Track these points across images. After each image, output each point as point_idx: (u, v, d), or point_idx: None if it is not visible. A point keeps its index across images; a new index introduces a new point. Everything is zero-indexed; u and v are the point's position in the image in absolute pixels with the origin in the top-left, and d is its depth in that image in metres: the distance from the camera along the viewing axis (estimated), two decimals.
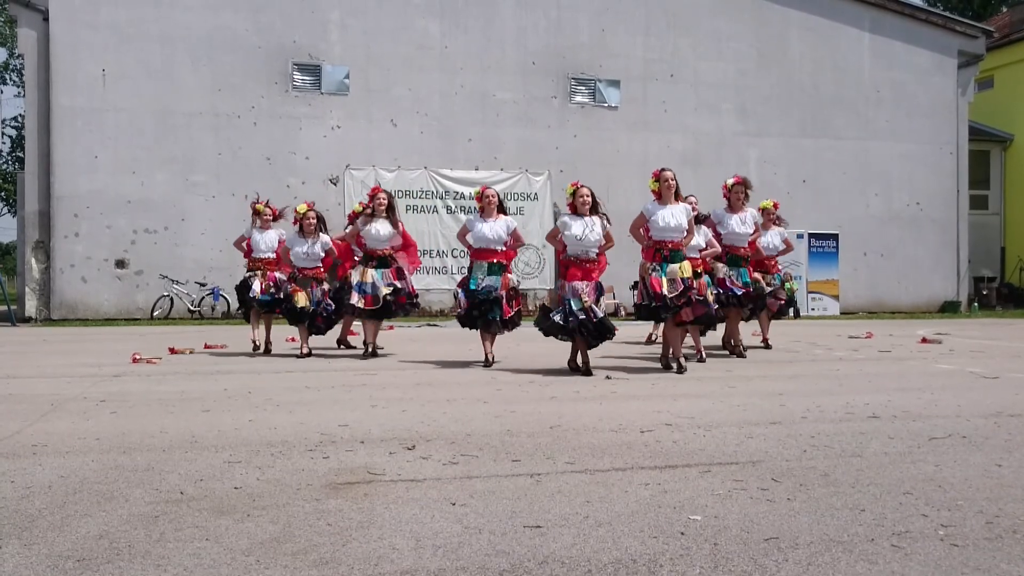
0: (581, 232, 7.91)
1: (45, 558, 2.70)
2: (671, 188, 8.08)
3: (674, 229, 7.97)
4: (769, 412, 5.56)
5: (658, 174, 8.17)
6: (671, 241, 7.98)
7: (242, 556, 2.73)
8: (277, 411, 5.64)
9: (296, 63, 18.54)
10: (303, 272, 9.72)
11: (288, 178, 18.26)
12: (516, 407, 5.79)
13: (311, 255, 9.68)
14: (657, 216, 7.99)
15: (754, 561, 2.68)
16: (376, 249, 9.33)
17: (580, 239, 7.91)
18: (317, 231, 9.79)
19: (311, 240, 9.70)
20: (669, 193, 8.07)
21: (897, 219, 21.74)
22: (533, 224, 19.47)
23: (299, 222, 9.83)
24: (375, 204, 9.42)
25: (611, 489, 3.55)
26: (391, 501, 3.37)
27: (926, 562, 2.68)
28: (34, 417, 5.39)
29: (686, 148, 20.04)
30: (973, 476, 3.78)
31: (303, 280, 9.67)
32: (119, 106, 17.76)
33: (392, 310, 9.33)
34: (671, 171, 8.21)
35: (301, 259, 9.70)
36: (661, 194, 8.09)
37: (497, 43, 19.53)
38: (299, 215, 9.87)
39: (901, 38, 21.70)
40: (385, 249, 9.38)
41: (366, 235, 9.32)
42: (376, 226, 9.31)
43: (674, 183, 8.12)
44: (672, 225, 7.96)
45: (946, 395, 6.38)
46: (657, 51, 20.35)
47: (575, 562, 2.67)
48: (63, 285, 17.60)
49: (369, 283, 9.18)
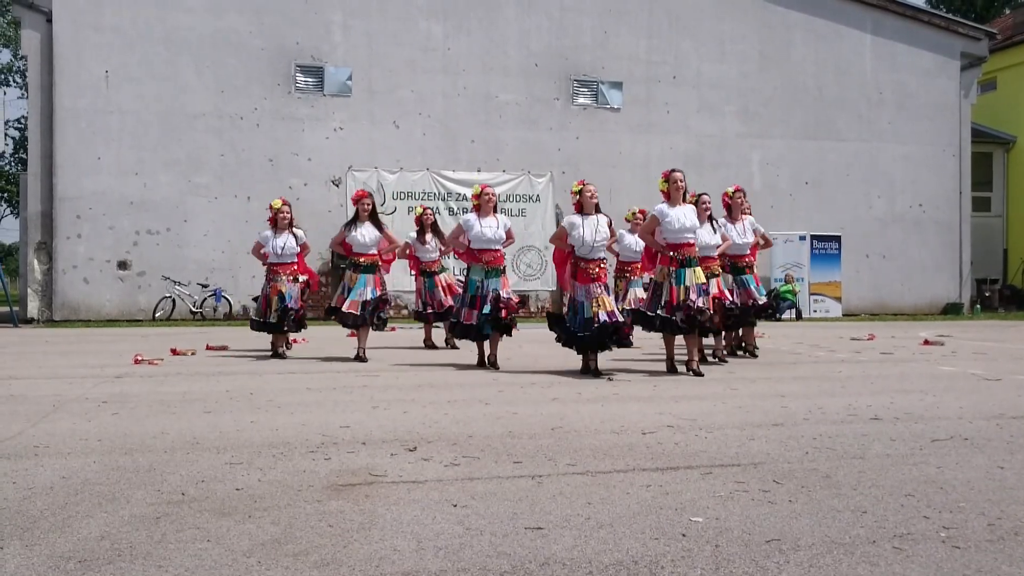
0: (592, 233, 7.84)
1: (47, 559, 2.71)
2: (680, 189, 7.99)
3: (688, 230, 7.91)
4: (771, 414, 5.56)
5: (668, 175, 8.06)
6: (686, 243, 7.92)
7: (243, 557, 2.73)
8: (279, 412, 5.64)
9: (299, 65, 18.56)
10: (278, 269, 9.71)
11: (291, 179, 18.27)
12: (517, 409, 5.79)
13: (287, 249, 9.71)
14: (671, 217, 7.87)
15: (755, 563, 2.68)
16: (362, 254, 9.25)
17: (589, 240, 7.83)
18: (291, 226, 9.82)
19: (286, 234, 9.73)
20: (678, 194, 7.98)
21: (899, 221, 21.72)
22: (535, 226, 19.48)
23: (274, 217, 9.83)
24: (360, 208, 9.31)
25: (612, 491, 3.55)
26: (392, 502, 3.37)
27: (928, 564, 2.67)
28: (36, 418, 5.40)
29: (689, 150, 20.03)
30: (975, 478, 3.78)
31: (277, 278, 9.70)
32: (122, 108, 17.79)
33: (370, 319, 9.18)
34: (681, 172, 8.11)
35: (277, 255, 9.70)
36: (670, 195, 7.98)
37: (500, 45, 19.54)
38: (274, 210, 9.87)
39: (904, 40, 21.69)
40: (371, 254, 9.29)
41: (352, 241, 9.22)
42: (362, 231, 9.23)
43: (683, 184, 8.04)
44: (687, 226, 7.90)
45: (948, 397, 6.37)
46: (660, 53, 20.35)
47: (576, 563, 2.67)
48: (65, 286, 17.62)
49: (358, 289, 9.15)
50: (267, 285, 9.85)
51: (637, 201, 17.85)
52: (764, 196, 19.60)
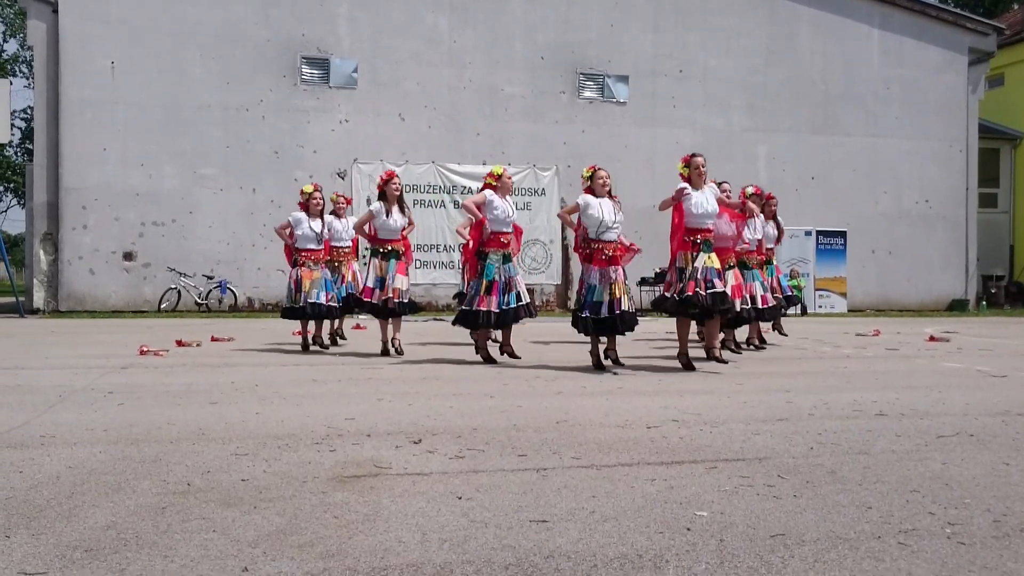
0: (610, 213, 7.74)
1: (53, 548, 2.71)
2: (702, 175, 7.85)
3: (709, 215, 7.82)
4: (776, 409, 5.55)
5: (688, 159, 7.91)
6: (705, 229, 7.82)
7: (248, 548, 2.73)
8: (284, 404, 5.65)
9: (304, 57, 18.55)
10: (310, 255, 9.55)
11: (296, 172, 18.28)
12: (522, 402, 5.79)
13: (321, 236, 9.61)
14: (695, 200, 7.75)
15: (760, 558, 2.68)
16: (391, 240, 8.86)
17: (607, 220, 7.73)
18: (322, 213, 9.71)
19: (320, 221, 9.64)
20: (699, 180, 7.84)
21: (906, 217, 21.67)
22: (540, 219, 19.47)
23: (306, 203, 9.63)
24: (388, 190, 8.87)
25: (617, 484, 3.55)
26: (397, 494, 3.38)
27: (933, 560, 2.67)
28: (42, 408, 5.41)
29: (695, 144, 19.90)
30: (980, 474, 3.77)
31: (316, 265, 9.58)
32: (128, 99, 17.80)
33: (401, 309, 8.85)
34: (702, 156, 7.97)
35: (311, 240, 9.54)
36: (691, 180, 7.84)
37: (506, 38, 19.51)
38: (305, 195, 9.67)
39: (911, 35, 21.61)
40: (396, 241, 8.91)
41: (383, 227, 8.80)
42: (395, 216, 8.83)
43: (705, 170, 7.91)
44: (708, 211, 7.81)
45: (954, 393, 6.36)
46: (666, 47, 20.30)
47: (581, 557, 2.67)
48: (71, 277, 17.66)
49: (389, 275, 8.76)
50: (298, 271, 9.54)
51: (642, 196, 17.89)
52: (770, 191, 19.53)
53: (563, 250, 19.59)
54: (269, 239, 18.20)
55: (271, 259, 18.06)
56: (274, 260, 18.00)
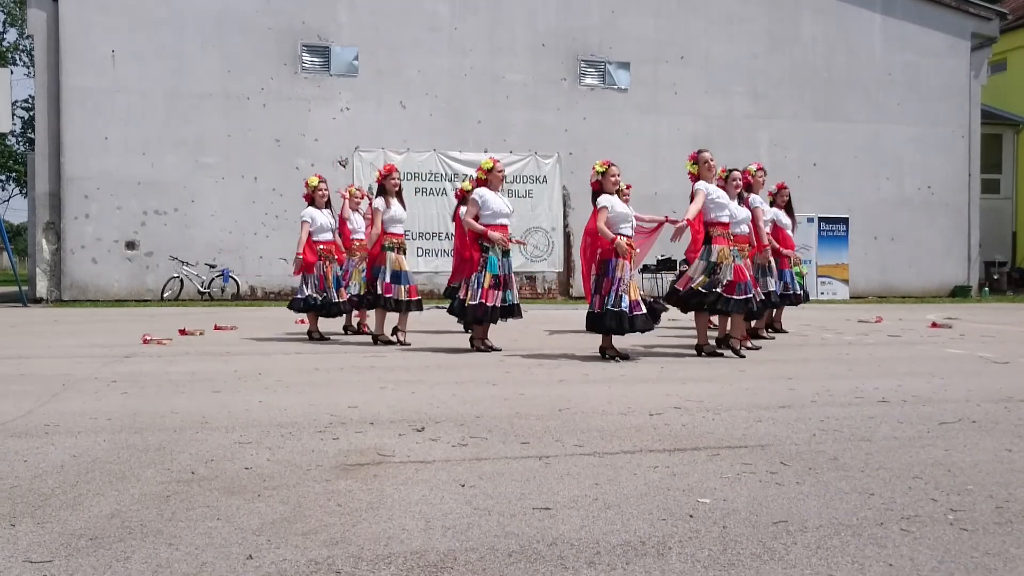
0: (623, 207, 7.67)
1: (58, 536, 2.73)
2: (712, 169, 7.82)
3: (725, 206, 7.86)
4: (778, 396, 5.56)
5: (696, 156, 7.87)
6: (720, 223, 7.82)
7: (253, 535, 2.74)
8: (287, 392, 5.66)
9: (305, 44, 18.50)
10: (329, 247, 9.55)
11: (297, 160, 18.27)
12: (525, 389, 5.80)
13: (332, 227, 9.61)
14: (713, 194, 7.74)
15: (763, 544, 2.68)
16: (396, 233, 8.89)
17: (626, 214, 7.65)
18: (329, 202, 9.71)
19: (329, 212, 9.64)
20: (710, 175, 7.81)
21: (908, 203, 21.63)
22: (542, 207, 19.45)
23: (311, 195, 9.62)
24: (388, 184, 8.91)
25: (620, 472, 3.56)
26: (400, 482, 3.39)
27: (935, 546, 2.68)
28: (46, 397, 5.42)
29: (697, 131, 19.93)
30: (983, 461, 3.77)
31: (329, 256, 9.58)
32: (129, 87, 17.78)
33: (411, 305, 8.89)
34: (709, 152, 7.95)
35: (327, 232, 9.54)
36: (702, 176, 7.81)
37: (507, 25, 19.44)
38: (310, 187, 9.65)
39: (914, 20, 21.52)
40: (402, 234, 8.99)
41: (391, 220, 8.81)
42: (396, 207, 8.88)
43: (714, 164, 7.88)
44: (726, 203, 7.86)
45: (956, 380, 6.36)
46: (668, 33, 20.22)
47: (584, 544, 2.68)
48: (73, 266, 17.68)
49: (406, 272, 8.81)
50: (323, 265, 9.52)
51: (644, 183, 17.83)
52: (772, 177, 19.29)
53: (565, 237, 19.57)
54: (272, 228, 18.22)
55: (273, 247, 18.08)
56: (276, 248, 18.02)
